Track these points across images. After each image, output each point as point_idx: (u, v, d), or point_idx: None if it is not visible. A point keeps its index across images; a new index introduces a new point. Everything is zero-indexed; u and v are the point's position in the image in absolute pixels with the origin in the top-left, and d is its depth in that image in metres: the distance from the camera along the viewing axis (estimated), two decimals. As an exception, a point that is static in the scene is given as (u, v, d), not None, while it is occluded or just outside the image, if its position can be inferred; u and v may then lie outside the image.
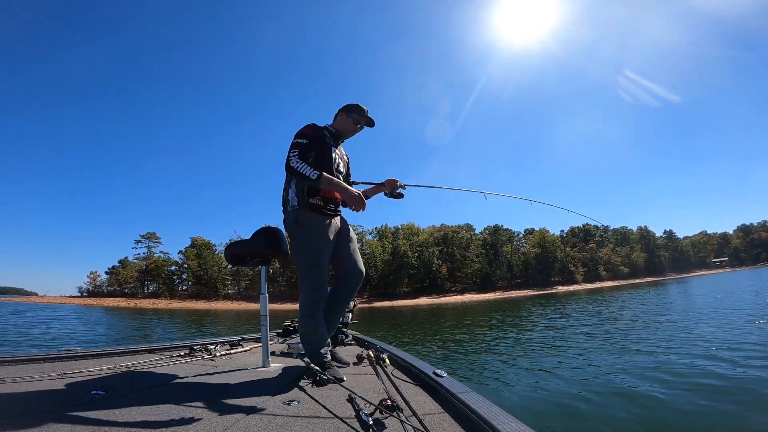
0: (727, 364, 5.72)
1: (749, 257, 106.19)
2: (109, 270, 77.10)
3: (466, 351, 9.63)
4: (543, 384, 5.66)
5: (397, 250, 70.79)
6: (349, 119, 2.65)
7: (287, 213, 2.49)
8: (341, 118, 2.67)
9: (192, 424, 1.45)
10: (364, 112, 2.67)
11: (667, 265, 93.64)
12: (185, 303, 65.43)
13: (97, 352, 2.95)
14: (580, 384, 5.51)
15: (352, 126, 2.66)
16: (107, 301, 66.37)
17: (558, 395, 5.04)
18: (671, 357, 6.62)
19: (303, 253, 2.42)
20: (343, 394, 1.85)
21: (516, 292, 66.70)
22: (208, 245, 75.48)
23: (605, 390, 5.10)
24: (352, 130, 2.68)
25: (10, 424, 1.38)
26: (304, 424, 1.47)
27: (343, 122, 2.66)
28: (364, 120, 2.69)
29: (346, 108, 2.66)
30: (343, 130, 2.66)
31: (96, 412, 1.57)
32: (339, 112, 2.69)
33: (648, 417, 4.09)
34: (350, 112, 2.65)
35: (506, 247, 78.47)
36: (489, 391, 5.51)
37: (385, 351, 2.97)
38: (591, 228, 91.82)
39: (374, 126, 2.74)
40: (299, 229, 2.42)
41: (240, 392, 1.98)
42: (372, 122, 2.73)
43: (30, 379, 2.08)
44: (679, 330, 9.74)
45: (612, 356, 7.28)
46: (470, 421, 1.47)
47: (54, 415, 1.51)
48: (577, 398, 4.86)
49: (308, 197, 2.42)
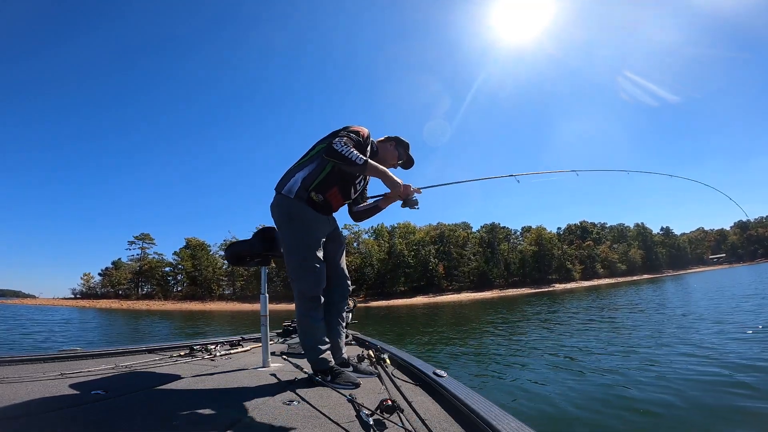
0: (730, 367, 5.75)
1: (746, 253, 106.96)
2: (102, 271, 76.93)
3: (466, 351, 9.66)
4: (543, 384, 5.68)
5: (393, 249, 70.78)
6: (395, 152, 2.50)
7: (280, 197, 2.26)
8: (388, 145, 2.50)
9: (192, 424, 1.45)
10: (409, 152, 2.55)
11: (665, 261, 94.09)
12: (179, 304, 65.23)
13: (97, 352, 2.94)
14: (580, 384, 5.53)
15: (394, 160, 2.50)
16: (100, 303, 66.09)
17: (558, 395, 5.05)
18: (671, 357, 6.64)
19: (296, 248, 2.22)
20: (344, 394, 1.86)
21: (513, 291, 66.83)
22: (203, 246, 75.25)
23: (605, 390, 5.13)
24: (391, 163, 2.50)
25: (10, 424, 1.38)
26: (304, 424, 1.47)
27: (389, 152, 2.49)
28: (405, 159, 2.55)
29: (398, 140, 2.52)
30: (383, 157, 2.47)
31: (96, 412, 1.58)
32: (388, 139, 2.53)
33: (648, 417, 4.11)
34: (400, 146, 2.51)
35: (503, 245, 78.63)
36: (489, 391, 5.52)
37: (385, 351, 2.98)
38: (588, 225, 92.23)
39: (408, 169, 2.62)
40: (291, 222, 2.22)
41: (240, 392, 1.98)
42: (410, 165, 2.61)
43: (30, 379, 2.07)
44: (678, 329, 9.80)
45: (611, 356, 7.32)
46: (470, 421, 1.48)
47: (54, 415, 1.51)
48: (577, 398, 4.88)
49: (313, 189, 2.22)
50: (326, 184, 2.23)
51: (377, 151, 2.46)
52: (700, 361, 6.04)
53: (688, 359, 6.21)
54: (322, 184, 2.22)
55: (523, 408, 4.65)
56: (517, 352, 8.67)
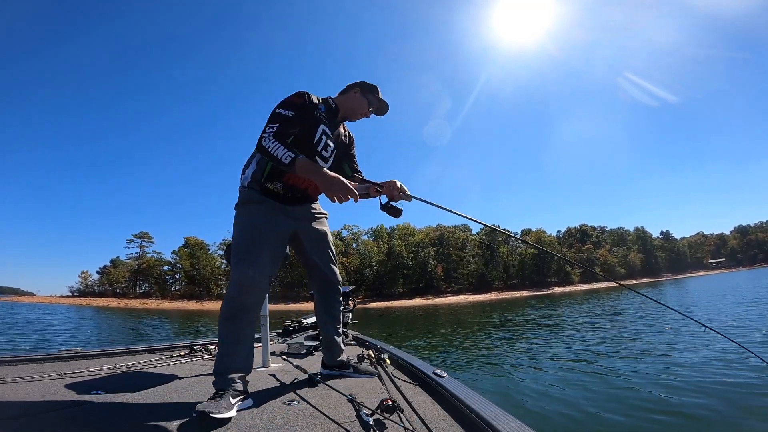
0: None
1: (746, 258, 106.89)
2: (100, 270, 76.97)
3: (465, 351, 9.65)
4: (543, 384, 5.70)
5: (392, 250, 70.89)
6: (363, 99, 2.18)
7: (240, 191, 2.05)
8: (353, 94, 2.19)
9: (192, 424, 1.45)
10: (380, 96, 2.24)
11: (664, 266, 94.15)
12: (177, 303, 65.18)
13: (97, 352, 2.94)
14: (579, 384, 5.55)
15: (364, 108, 2.20)
16: (97, 301, 66.18)
17: (558, 395, 5.07)
18: (670, 358, 6.67)
19: (234, 240, 1.95)
20: (344, 394, 1.86)
21: (512, 293, 66.89)
22: (202, 245, 75.28)
23: (605, 390, 5.15)
24: (362, 113, 2.21)
25: (10, 424, 1.38)
26: (304, 424, 1.47)
27: (354, 101, 2.19)
28: (378, 105, 2.26)
29: (362, 85, 2.21)
30: (350, 109, 2.19)
31: (96, 412, 1.57)
32: (352, 87, 2.21)
33: (647, 417, 4.12)
34: (367, 91, 2.20)
35: (502, 248, 78.67)
36: (489, 391, 5.53)
37: (385, 351, 2.98)
38: (588, 229, 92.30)
39: (384, 114, 2.32)
40: (237, 209, 2.00)
41: None
42: (385, 110, 2.30)
43: (30, 379, 2.07)
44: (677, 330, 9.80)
45: (611, 356, 7.33)
46: (470, 421, 1.48)
47: (54, 415, 1.51)
48: (576, 398, 4.89)
49: (266, 179, 1.98)
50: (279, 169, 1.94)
51: (337, 108, 2.17)
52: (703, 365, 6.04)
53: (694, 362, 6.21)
54: (274, 170, 1.97)
55: (523, 408, 4.65)
56: (517, 353, 8.66)
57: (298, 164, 1.73)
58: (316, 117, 2.01)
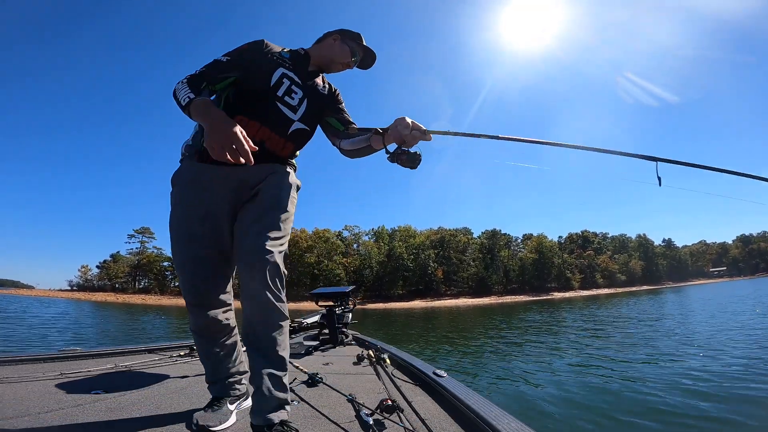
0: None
1: (748, 267, 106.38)
2: (100, 264, 76.98)
3: (465, 352, 9.64)
4: (543, 384, 5.70)
5: (392, 251, 70.74)
6: (344, 46, 1.78)
7: None
8: (331, 41, 1.79)
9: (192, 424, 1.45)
10: (364, 44, 1.83)
11: (665, 273, 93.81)
12: (175, 299, 64.90)
13: (97, 352, 2.94)
14: (579, 384, 5.56)
15: (346, 57, 1.79)
16: (96, 296, 65.91)
17: (557, 395, 5.07)
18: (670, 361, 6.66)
19: (170, 224, 1.60)
20: (344, 394, 1.86)
21: (511, 298, 66.67)
22: (202, 242, 74.88)
23: (604, 391, 5.15)
24: (342, 63, 1.79)
25: (10, 424, 1.38)
26: (304, 424, 1.47)
27: (332, 48, 1.78)
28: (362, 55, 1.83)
29: (342, 32, 1.80)
30: (327, 57, 1.78)
31: (96, 412, 1.57)
32: (330, 34, 1.81)
33: (647, 417, 4.12)
34: (348, 38, 1.79)
35: (503, 252, 78.53)
36: (489, 391, 5.55)
37: (385, 351, 2.97)
38: (590, 235, 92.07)
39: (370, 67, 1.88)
40: (172, 188, 1.63)
41: None
42: (371, 60, 1.86)
43: (30, 379, 2.07)
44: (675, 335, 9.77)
45: (611, 358, 7.32)
46: (470, 421, 1.48)
47: (54, 415, 1.51)
48: (576, 398, 4.90)
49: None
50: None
51: (307, 56, 1.76)
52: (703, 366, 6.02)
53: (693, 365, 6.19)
54: None
55: (523, 408, 4.65)
56: (517, 355, 8.65)
57: (192, 106, 1.38)
58: (272, 60, 1.64)
